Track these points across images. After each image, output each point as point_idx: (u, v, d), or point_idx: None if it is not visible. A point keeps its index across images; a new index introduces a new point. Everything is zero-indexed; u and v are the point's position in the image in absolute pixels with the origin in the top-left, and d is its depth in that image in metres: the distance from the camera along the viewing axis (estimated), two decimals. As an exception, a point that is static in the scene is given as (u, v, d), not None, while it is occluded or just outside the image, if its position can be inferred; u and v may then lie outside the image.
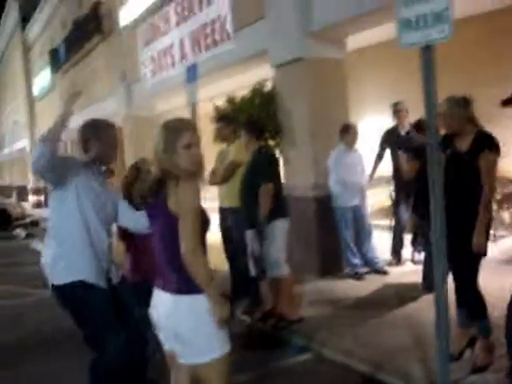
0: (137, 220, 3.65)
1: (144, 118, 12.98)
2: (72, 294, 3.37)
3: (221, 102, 7.92)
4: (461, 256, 3.62)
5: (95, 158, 3.52)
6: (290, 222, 5.26)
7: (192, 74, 6.49)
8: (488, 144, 3.60)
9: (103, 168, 3.75)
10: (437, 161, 2.93)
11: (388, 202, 8.88)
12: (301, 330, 5.06)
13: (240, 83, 10.40)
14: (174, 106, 13.25)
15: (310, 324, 5.17)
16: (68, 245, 3.35)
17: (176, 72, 10.19)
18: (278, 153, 6.87)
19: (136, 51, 12.13)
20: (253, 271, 5.39)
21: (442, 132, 3.74)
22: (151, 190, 2.65)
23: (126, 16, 12.23)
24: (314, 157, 6.91)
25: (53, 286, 3.40)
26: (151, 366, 4.04)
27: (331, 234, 6.84)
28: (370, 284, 6.37)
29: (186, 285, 2.54)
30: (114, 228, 3.98)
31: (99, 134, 3.51)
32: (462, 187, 3.61)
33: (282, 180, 5.51)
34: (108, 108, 14.41)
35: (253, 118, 6.13)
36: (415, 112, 7.02)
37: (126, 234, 4.07)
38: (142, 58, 11.88)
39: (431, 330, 4.57)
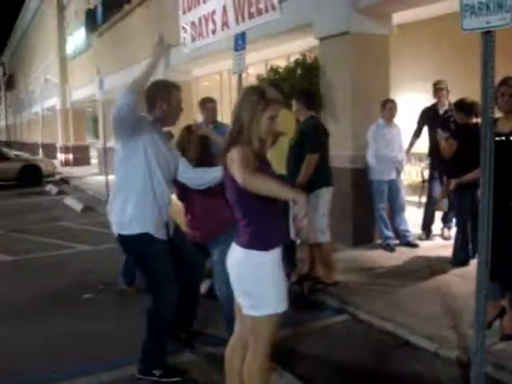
0: (196, 178, 3.91)
1: (180, 82, 13.12)
2: (135, 245, 3.67)
3: (253, 71, 8.07)
4: (501, 229, 3.80)
5: (160, 118, 3.75)
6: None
7: (240, 42, 6.63)
8: None
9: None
10: (489, 141, 3.13)
11: (418, 179, 9.08)
12: (336, 293, 5.34)
13: (276, 53, 10.56)
14: (210, 71, 13.46)
15: (344, 289, 5.45)
16: (134, 198, 3.60)
17: (217, 39, 10.36)
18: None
19: (176, 16, 12.25)
20: (292, 235, 5.65)
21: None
22: (224, 150, 2.85)
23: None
24: (354, 129, 7.10)
25: (119, 235, 3.69)
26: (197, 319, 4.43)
27: (365, 206, 7.07)
28: (401, 256, 6.62)
29: (253, 240, 2.77)
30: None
31: (168, 96, 3.71)
32: (505, 165, 3.79)
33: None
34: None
35: (305, 88, 6.31)
36: (453, 91, 7.20)
37: (184, 196, 4.31)
38: (181, 23, 12.01)
39: (461, 301, 4.91)
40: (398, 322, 4.57)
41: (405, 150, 7.27)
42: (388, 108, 6.78)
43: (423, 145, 7.61)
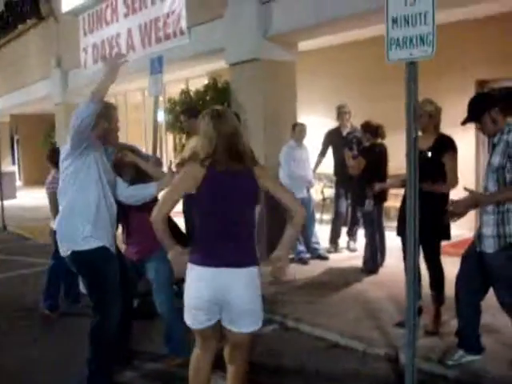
0: (132, 195, 4.02)
1: (78, 105, 12.96)
2: (91, 260, 3.70)
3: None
4: (425, 238, 4.18)
5: (101, 136, 3.83)
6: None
7: (156, 66, 6.76)
8: (451, 145, 4.35)
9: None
10: (414, 160, 3.55)
11: (319, 197, 9.68)
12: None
13: (174, 77, 10.80)
14: (112, 92, 13.37)
15: (269, 301, 5.67)
16: (90, 213, 3.65)
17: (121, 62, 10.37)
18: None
19: (76, 37, 12.12)
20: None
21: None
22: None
23: (68, 2, 12.15)
24: (266, 150, 7.46)
25: (73, 252, 3.69)
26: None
27: (277, 223, 7.40)
28: (315, 268, 7.03)
29: (256, 255, 2.99)
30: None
31: (109, 115, 3.83)
32: (424, 181, 4.26)
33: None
34: (38, 92, 14.25)
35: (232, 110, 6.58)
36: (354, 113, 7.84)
37: (119, 213, 4.36)
38: (82, 44, 11.90)
39: (378, 304, 5.42)
40: (325, 326, 4.91)
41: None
42: (298, 130, 7.22)
43: (323, 165, 8.15)
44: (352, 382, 3.97)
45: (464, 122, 3.83)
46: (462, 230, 6.24)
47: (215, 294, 2.89)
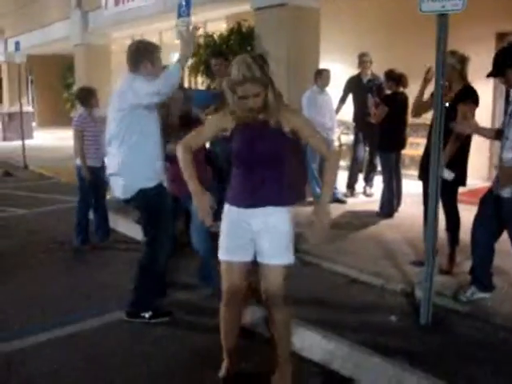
0: (157, 85, 4.08)
1: (98, 46, 13.08)
2: (155, 196, 4.01)
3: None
4: (444, 184, 4.39)
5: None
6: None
7: (185, 9, 6.89)
8: (470, 96, 4.52)
9: None
10: (440, 108, 3.76)
11: (335, 144, 9.86)
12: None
13: (202, 19, 10.84)
14: (130, 34, 13.43)
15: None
16: (153, 155, 3.98)
17: (144, 3, 10.43)
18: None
19: (96, -23, 12.11)
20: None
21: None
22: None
23: None
24: (289, 96, 7.59)
25: (139, 190, 3.95)
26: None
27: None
28: (333, 211, 7.10)
29: None
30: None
31: (152, 56, 3.97)
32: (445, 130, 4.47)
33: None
34: (57, 33, 14.28)
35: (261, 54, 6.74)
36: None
37: None
38: (103, -15, 11.90)
39: (395, 245, 5.68)
40: (345, 263, 5.21)
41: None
42: (324, 76, 7.36)
43: (340, 112, 8.30)
44: (370, 314, 4.28)
45: (489, 76, 4.00)
46: (475, 179, 6.48)
47: None
